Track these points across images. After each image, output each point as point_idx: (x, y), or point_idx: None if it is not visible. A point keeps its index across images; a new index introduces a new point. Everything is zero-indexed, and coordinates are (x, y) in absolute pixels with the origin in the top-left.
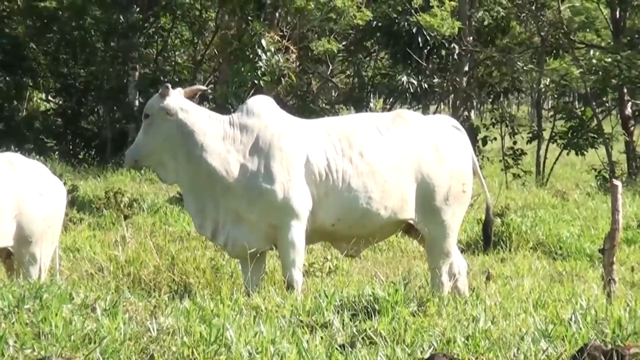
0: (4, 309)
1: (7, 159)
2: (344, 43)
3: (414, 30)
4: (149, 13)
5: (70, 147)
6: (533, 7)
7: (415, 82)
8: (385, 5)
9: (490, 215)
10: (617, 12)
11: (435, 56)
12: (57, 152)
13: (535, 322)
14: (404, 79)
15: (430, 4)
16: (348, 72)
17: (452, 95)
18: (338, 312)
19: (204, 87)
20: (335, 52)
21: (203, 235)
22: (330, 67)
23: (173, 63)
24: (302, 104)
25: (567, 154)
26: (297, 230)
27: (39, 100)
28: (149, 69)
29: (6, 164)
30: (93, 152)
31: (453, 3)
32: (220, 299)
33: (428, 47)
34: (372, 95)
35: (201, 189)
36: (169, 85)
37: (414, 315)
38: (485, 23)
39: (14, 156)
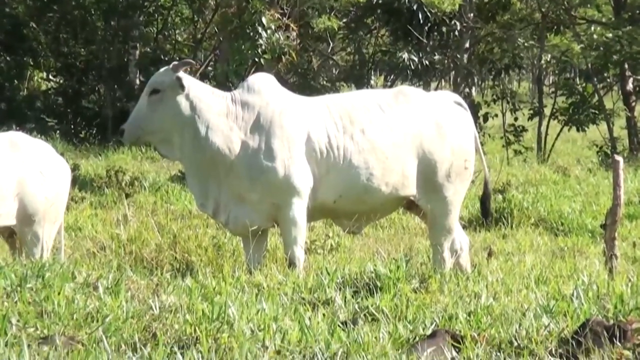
0: (6, 288)
1: (10, 138)
2: (344, 20)
3: (415, 7)
4: None
5: (72, 126)
6: None
7: (416, 59)
8: None
9: (488, 189)
10: None
11: (436, 33)
12: (58, 132)
13: (537, 298)
14: (405, 56)
15: None
16: (349, 50)
17: (453, 72)
18: (340, 289)
19: (192, 61)
20: (336, 29)
21: (204, 213)
22: (331, 45)
23: (173, 42)
24: (303, 81)
25: (569, 130)
26: (299, 208)
27: (39, 80)
28: (149, 48)
29: (8, 143)
30: (94, 131)
31: None
32: (223, 276)
33: (429, 24)
34: (372, 73)
35: (205, 167)
36: (189, 60)
37: (415, 292)
38: None
39: (17, 135)
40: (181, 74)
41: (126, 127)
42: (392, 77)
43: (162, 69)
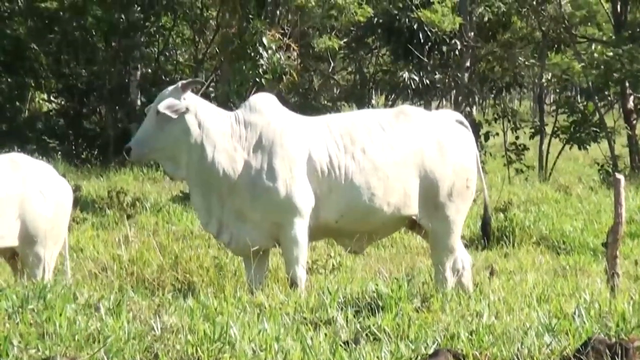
0: (8, 309)
1: (11, 158)
2: (345, 40)
3: (415, 27)
4: (150, 12)
5: (73, 147)
6: (534, 2)
7: (417, 79)
8: (386, 2)
9: (488, 214)
10: (618, 6)
11: (436, 52)
12: (59, 153)
13: (539, 316)
14: (406, 75)
15: (431, 0)
16: (349, 69)
17: (454, 91)
18: (342, 309)
19: (201, 81)
20: (337, 49)
21: (208, 232)
22: (332, 64)
23: (174, 62)
24: (304, 101)
25: (570, 148)
26: (300, 228)
27: (41, 101)
28: (150, 69)
29: (9, 164)
30: (95, 152)
31: None
32: (224, 297)
33: (429, 43)
34: (373, 92)
35: (209, 186)
36: (197, 79)
37: (417, 311)
38: (486, 18)
39: (19, 156)
40: (189, 93)
41: (133, 145)
42: (393, 96)
43: (170, 88)
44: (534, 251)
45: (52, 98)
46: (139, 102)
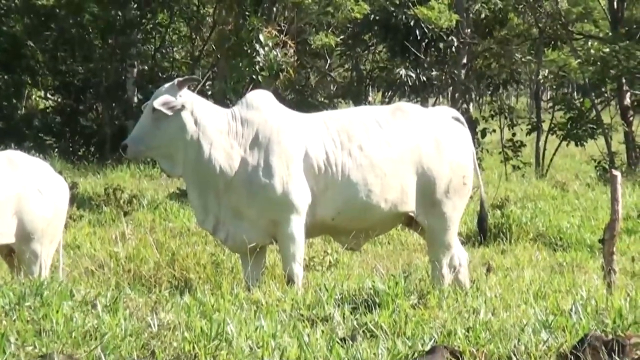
0: (5, 306)
1: (8, 156)
2: (341, 37)
3: (412, 23)
4: (147, 9)
5: (70, 144)
6: None
7: (414, 75)
8: None
9: (484, 210)
10: (615, 3)
11: (433, 49)
12: (56, 150)
13: (535, 313)
14: (403, 72)
15: None
16: (346, 66)
17: (451, 88)
18: (338, 306)
19: (197, 78)
20: (333, 46)
21: (204, 229)
22: (329, 61)
23: (171, 59)
24: (301, 98)
25: (567, 145)
26: (297, 225)
27: (37, 98)
28: (147, 66)
29: (6, 161)
30: (92, 149)
31: None
32: (221, 294)
33: (426, 40)
34: (370, 89)
35: (206, 184)
36: (193, 76)
37: (414, 308)
38: (483, 15)
39: (15, 154)
40: (185, 90)
41: (129, 142)
42: (389, 93)
43: (166, 85)
44: (530, 248)
45: (48, 95)
46: (135, 100)
